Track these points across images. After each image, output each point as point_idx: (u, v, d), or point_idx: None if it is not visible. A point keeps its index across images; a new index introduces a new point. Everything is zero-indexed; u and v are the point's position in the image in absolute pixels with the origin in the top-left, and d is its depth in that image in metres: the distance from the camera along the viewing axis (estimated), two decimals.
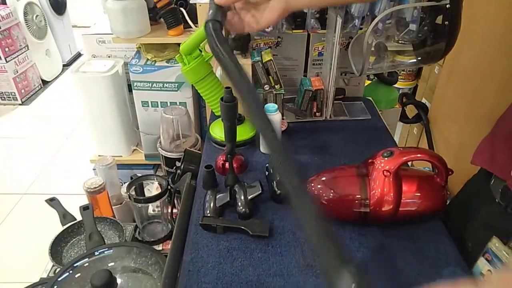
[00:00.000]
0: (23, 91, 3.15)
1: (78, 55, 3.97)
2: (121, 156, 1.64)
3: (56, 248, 1.08)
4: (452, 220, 0.86)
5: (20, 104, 3.13)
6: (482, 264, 0.72)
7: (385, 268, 0.73)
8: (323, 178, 0.80)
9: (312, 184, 0.79)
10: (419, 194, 0.77)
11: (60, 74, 3.63)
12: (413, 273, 0.71)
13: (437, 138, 1.66)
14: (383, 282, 0.69)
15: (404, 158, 0.73)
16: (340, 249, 0.33)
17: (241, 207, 0.83)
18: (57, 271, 1.01)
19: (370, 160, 0.77)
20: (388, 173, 0.72)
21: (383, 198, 0.73)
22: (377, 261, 0.74)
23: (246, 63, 1.09)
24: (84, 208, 1.06)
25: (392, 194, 0.73)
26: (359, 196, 0.74)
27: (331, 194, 0.77)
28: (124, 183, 1.40)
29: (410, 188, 0.76)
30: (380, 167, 0.73)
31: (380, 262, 0.74)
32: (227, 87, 0.85)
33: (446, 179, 0.77)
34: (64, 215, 1.14)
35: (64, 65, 3.71)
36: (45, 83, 3.44)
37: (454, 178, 1.69)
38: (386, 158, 0.74)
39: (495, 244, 0.70)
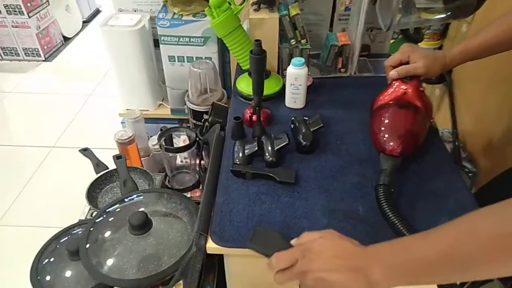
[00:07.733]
0: (46, 47, 3.19)
1: (97, 11, 3.95)
2: (147, 110, 1.68)
3: (92, 194, 1.15)
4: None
5: (43, 61, 3.18)
6: None
7: None
8: (386, 121, 0.89)
9: (383, 129, 0.88)
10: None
11: (80, 30, 3.64)
12: None
13: (460, 99, 1.65)
14: None
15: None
16: None
17: (268, 156, 0.87)
18: (94, 214, 1.09)
19: (400, 88, 0.92)
20: (423, 88, 0.92)
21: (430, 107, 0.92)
22: None
23: (273, 16, 1.09)
24: (117, 157, 1.12)
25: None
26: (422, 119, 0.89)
27: (408, 127, 0.87)
28: (151, 136, 1.45)
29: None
30: (417, 89, 0.91)
31: None
32: (256, 40, 0.86)
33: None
34: (97, 164, 1.21)
35: (83, 22, 3.71)
36: (66, 39, 3.47)
37: (474, 139, 1.67)
38: (409, 81, 0.93)
39: None
